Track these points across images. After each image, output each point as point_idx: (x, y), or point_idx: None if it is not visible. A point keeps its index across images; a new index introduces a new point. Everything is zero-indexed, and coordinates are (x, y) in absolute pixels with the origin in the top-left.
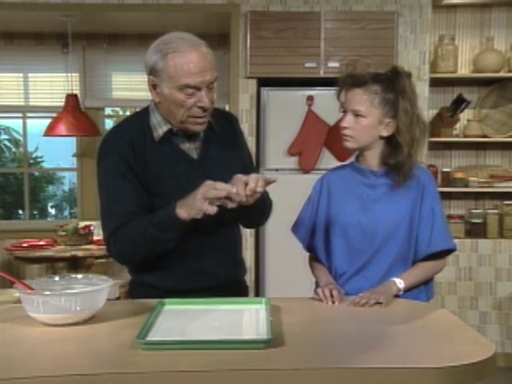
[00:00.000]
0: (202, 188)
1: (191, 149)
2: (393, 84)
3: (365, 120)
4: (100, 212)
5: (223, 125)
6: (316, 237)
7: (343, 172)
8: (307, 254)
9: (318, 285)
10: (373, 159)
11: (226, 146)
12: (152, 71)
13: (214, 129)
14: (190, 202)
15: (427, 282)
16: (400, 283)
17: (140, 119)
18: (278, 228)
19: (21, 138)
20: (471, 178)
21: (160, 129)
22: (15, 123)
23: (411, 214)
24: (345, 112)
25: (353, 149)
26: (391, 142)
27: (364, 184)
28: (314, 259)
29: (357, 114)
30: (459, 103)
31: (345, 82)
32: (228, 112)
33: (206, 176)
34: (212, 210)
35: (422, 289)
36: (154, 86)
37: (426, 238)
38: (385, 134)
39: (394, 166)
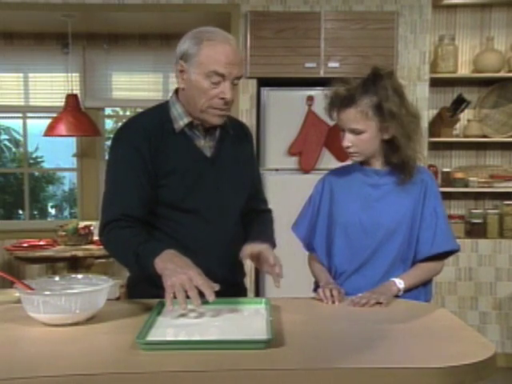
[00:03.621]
0: (183, 274)
1: (206, 147)
2: (375, 89)
3: (365, 135)
4: (102, 198)
5: (239, 132)
6: (317, 236)
7: (345, 172)
8: (307, 254)
9: (317, 285)
10: (377, 160)
11: (238, 150)
12: (183, 56)
13: (228, 131)
14: (170, 268)
15: (426, 284)
16: (400, 283)
17: (160, 111)
18: (278, 228)
19: (21, 138)
20: (471, 178)
21: (181, 121)
22: (15, 123)
23: (413, 213)
24: (343, 131)
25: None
26: (391, 142)
27: (366, 183)
28: (313, 259)
29: (355, 132)
30: (459, 103)
31: (334, 104)
32: (246, 125)
33: (216, 174)
34: (168, 308)
35: (421, 290)
36: (181, 72)
37: (429, 239)
38: (386, 137)
39: (398, 165)
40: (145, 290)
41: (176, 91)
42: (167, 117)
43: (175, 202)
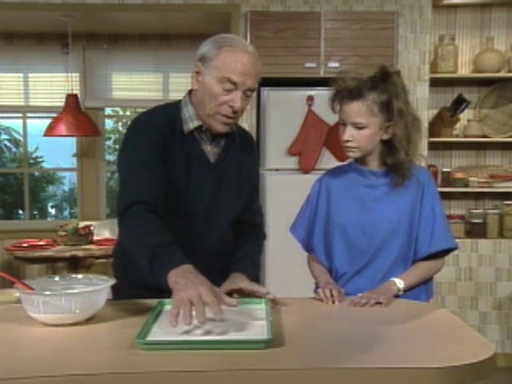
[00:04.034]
0: (194, 289)
1: (210, 153)
2: (386, 86)
3: (367, 130)
4: (121, 182)
5: (244, 142)
6: (315, 237)
7: (342, 172)
8: (306, 255)
9: (317, 285)
10: (373, 160)
11: (241, 160)
12: (201, 58)
13: (235, 139)
14: (181, 283)
15: (427, 281)
16: (400, 283)
17: (171, 111)
18: (278, 228)
19: (21, 138)
20: (471, 178)
21: (191, 123)
22: (15, 123)
23: (411, 213)
24: (344, 124)
25: (357, 157)
26: (389, 142)
27: (364, 184)
28: (312, 259)
29: (357, 126)
30: (459, 103)
31: (340, 96)
32: (251, 134)
33: (217, 181)
34: (171, 324)
35: (423, 288)
36: (197, 73)
37: (427, 238)
38: (385, 137)
39: (393, 166)
40: (130, 291)
41: (190, 92)
42: (179, 117)
43: (174, 202)
